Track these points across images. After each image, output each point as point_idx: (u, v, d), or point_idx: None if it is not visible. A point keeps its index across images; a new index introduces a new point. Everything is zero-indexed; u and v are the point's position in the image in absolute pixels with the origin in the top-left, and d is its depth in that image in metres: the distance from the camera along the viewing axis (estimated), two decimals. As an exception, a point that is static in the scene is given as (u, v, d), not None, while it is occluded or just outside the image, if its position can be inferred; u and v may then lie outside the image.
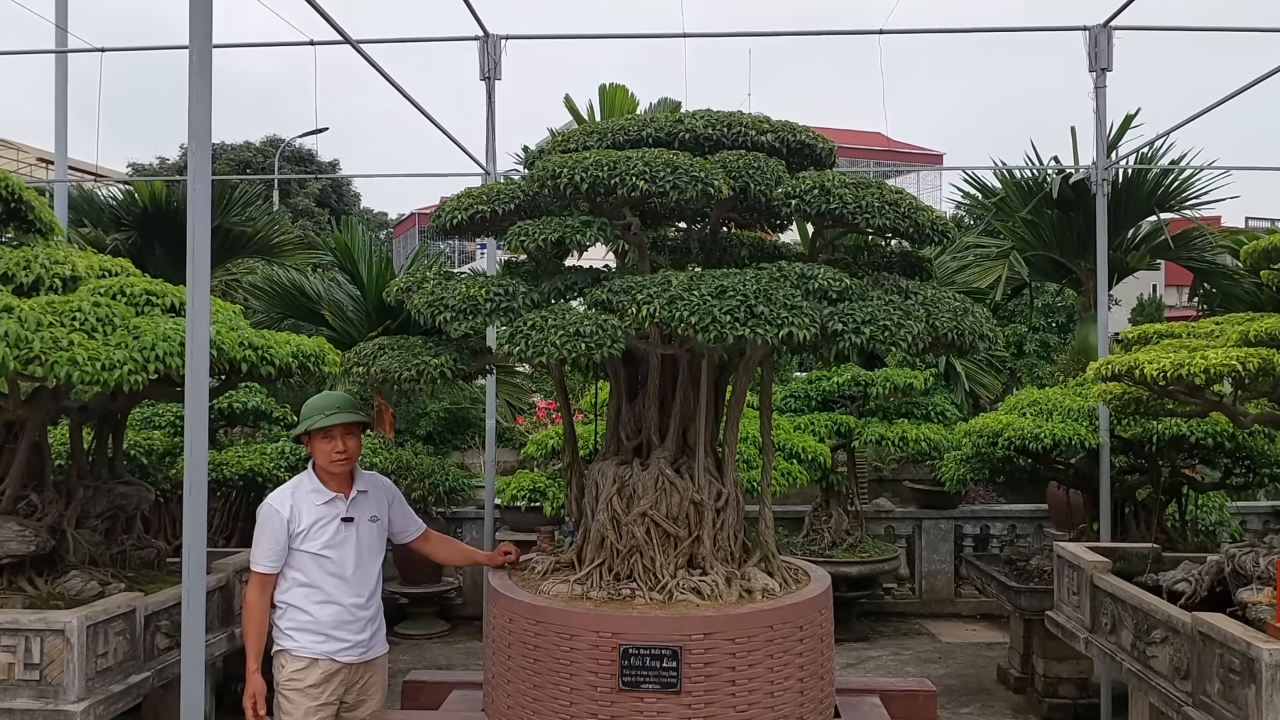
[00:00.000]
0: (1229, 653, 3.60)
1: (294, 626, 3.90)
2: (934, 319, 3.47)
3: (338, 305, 9.75)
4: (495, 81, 6.34)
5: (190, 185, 2.77)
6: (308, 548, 3.89)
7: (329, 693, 3.89)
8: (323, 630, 3.88)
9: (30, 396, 4.34)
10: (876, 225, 3.59)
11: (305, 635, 3.88)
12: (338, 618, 3.90)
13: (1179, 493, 6.61)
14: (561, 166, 3.51)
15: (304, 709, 3.85)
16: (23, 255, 4.27)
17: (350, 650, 3.92)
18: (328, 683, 3.89)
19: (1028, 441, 6.13)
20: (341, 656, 3.90)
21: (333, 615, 3.89)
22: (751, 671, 3.57)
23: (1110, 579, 4.68)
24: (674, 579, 3.78)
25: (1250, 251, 4.72)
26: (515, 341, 3.29)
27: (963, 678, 7.27)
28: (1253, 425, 4.55)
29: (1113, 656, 4.58)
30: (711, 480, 3.95)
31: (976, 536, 9.10)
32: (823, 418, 7.89)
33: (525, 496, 6.21)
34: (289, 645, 3.90)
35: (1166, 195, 9.26)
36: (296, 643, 3.88)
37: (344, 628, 3.91)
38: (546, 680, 3.61)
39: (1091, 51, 5.99)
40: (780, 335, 3.20)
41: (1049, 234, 9.80)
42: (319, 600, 3.89)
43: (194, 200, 2.77)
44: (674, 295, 3.24)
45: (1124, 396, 5.13)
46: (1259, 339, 3.95)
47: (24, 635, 3.82)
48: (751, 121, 3.91)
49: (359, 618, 3.95)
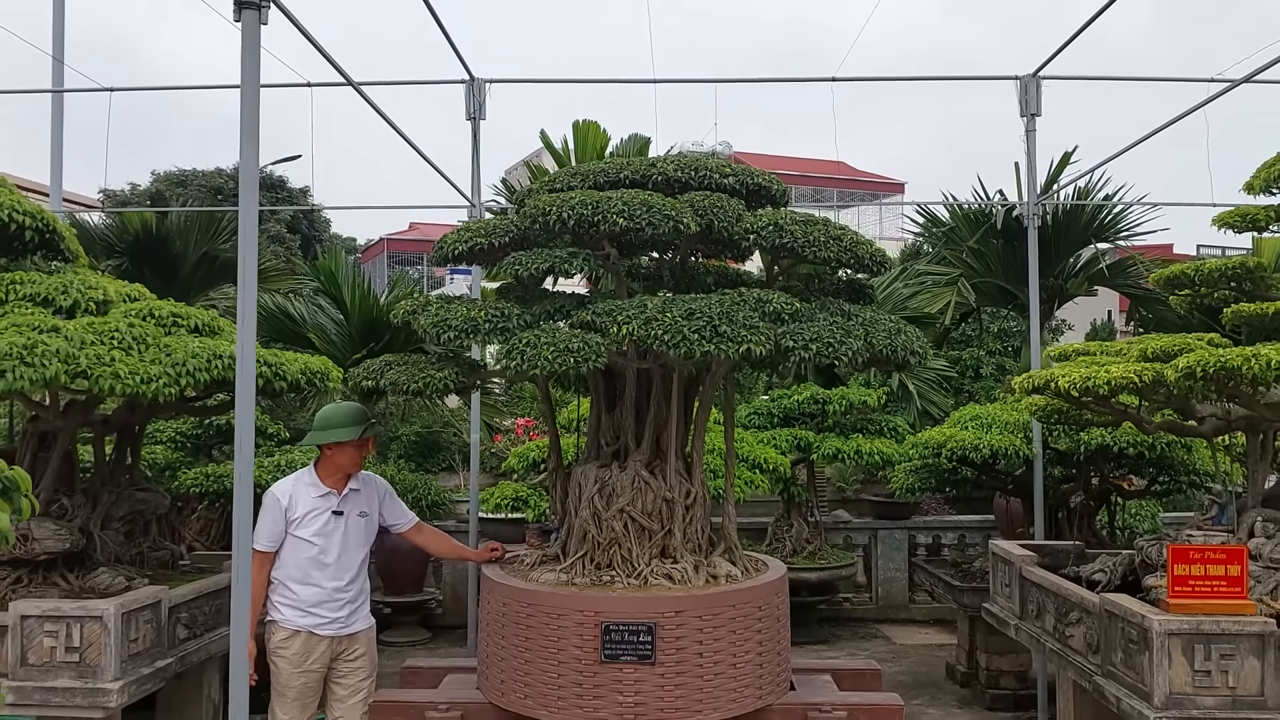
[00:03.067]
0: (1129, 625, 4.16)
1: (282, 601, 4.43)
2: (871, 337, 4.03)
3: (321, 329, 10.20)
4: (480, 121, 6.86)
5: (241, 222, 3.26)
6: (300, 533, 4.42)
7: (311, 660, 4.41)
8: (304, 607, 4.40)
9: (64, 409, 4.79)
10: (822, 257, 4.16)
11: (290, 610, 4.41)
12: (318, 598, 4.41)
13: (1108, 500, 7.22)
14: (550, 205, 4.05)
15: (288, 674, 4.38)
16: (60, 281, 4.73)
17: (329, 625, 4.43)
18: (309, 652, 4.40)
19: (968, 452, 6.72)
20: (321, 630, 4.42)
21: (314, 595, 4.41)
22: (717, 645, 4.08)
23: (1036, 570, 5.25)
24: (648, 567, 4.29)
25: (1158, 279, 5.34)
26: (512, 357, 3.81)
27: (914, 674, 7.80)
28: (1156, 432, 5.15)
29: (1038, 639, 5.14)
30: (681, 480, 4.47)
31: (929, 546, 9.67)
32: (784, 433, 8.43)
33: (508, 505, 6.69)
34: (276, 617, 4.44)
35: (1102, 227, 9.96)
36: (282, 615, 4.42)
37: (323, 606, 4.42)
38: (537, 655, 4.11)
39: (1023, 99, 6.64)
40: (740, 350, 3.74)
41: (995, 262, 10.45)
42: (303, 581, 4.41)
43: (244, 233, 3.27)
44: (650, 316, 3.77)
45: (1048, 408, 5.72)
46: (1155, 355, 4.55)
47: (65, 621, 4.26)
48: (715, 166, 4.47)
49: (337, 599, 4.45)
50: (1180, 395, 4.53)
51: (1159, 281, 5.35)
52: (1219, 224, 5.13)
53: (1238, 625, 3.91)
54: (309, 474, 4.54)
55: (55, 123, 8.64)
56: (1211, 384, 4.17)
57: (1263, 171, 4.95)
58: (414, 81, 7.03)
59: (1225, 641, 3.91)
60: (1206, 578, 3.98)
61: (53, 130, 8.62)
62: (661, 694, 4.01)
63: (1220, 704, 3.89)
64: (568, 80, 6.90)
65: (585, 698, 4.02)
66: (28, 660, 4.24)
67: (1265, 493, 4.76)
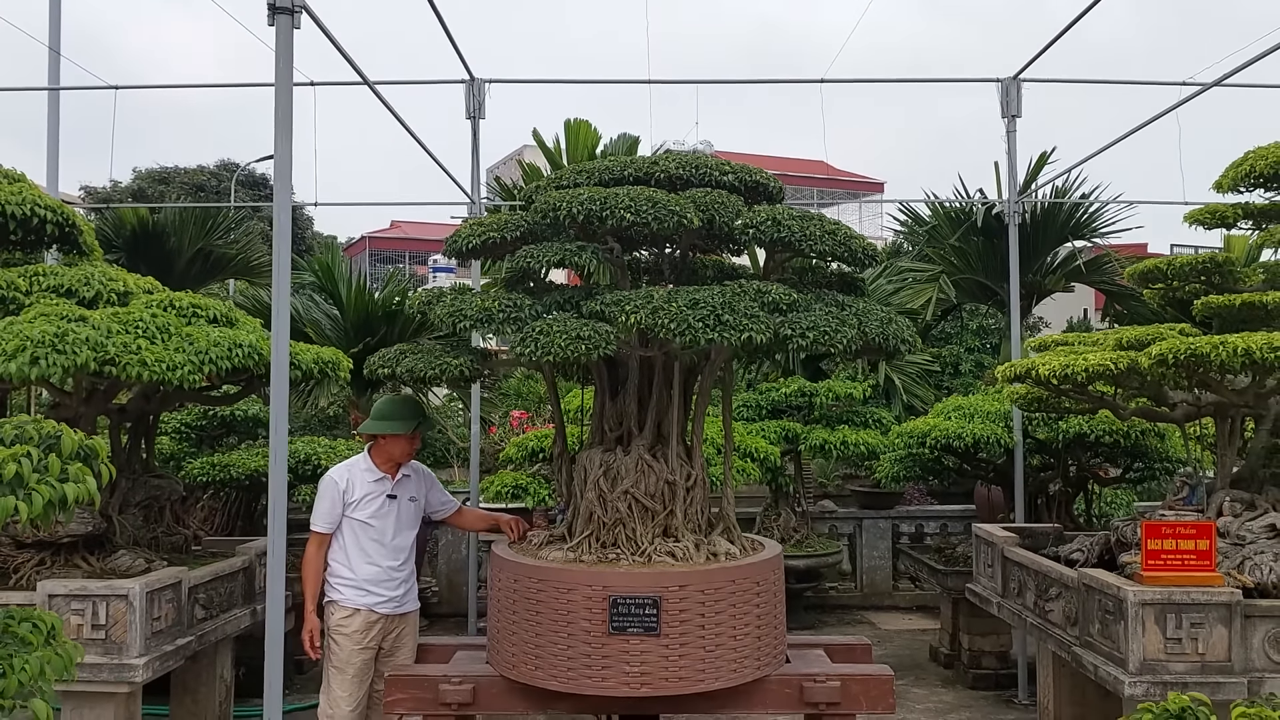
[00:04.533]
0: (1105, 597, 4.42)
1: (341, 581, 4.66)
2: (864, 326, 4.26)
3: (317, 324, 10.37)
4: (480, 120, 7.06)
5: (276, 215, 3.46)
6: (357, 515, 4.68)
7: (369, 638, 4.65)
8: (363, 586, 4.65)
9: (87, 397, 4.96)
10: (818, 250, 4.39)
11: (350, 589, 4.65)
12: (376, 576, 4.67)
13: (1085, 487, 7.50)
14: (560, 201, 4.26)
15: (348, 650, 4.62)
16: (82, 273, 4.90)
17: (386, 604, 4.69)
18: (368, 630, 4.64)
19: (951, 440, 6.98)
20: (379, 608, 4.67)
21: (372, 574, 4.66)
22: (718, 618, 4.30)
23: (1018, 550, 5.51)
24: (652, 545, 4.50)
25: (1132, 273, 5.61)
26: (526, 344, 4.01)
27: (899, 657, 8.06)
28: (1131, 418, 5.41)
29: (1019, 615, 5.39)
30: (682, 464, 4.69)
31: (912, 534, 9.94)
32: (772, 425, 8.67)
33: (508, 493, 6.88)
34: (336, 597, 4.66)
35: (1079, 226, 10.27)
36: (343, 595, 4.65)
37: (381, 585, 4.67)
38: (547, 629, 4.31)
39: (1004, 101, 6.90)
40: (742, 338, 3.96)
41: (976, 260, 10.74)
42: (362, 561, 4.67)
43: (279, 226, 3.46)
44: (656, 306, 3.99)
45: (1029, 396, 5.98)
46: (1130, 344, 4.81)
47: (91, 600, 4.44)
48: (715, 164, 4.69)
49: (394, 578, 4.73)
50: (1154, 382, 4.79)
51: (1133, 276, 5.62)
52: (1190, 220, 5.40)
53: (1207, 596, 4.17)
54: (364, 460, 4.81)
55: (51, 120, 8.69)
56: (1183, 370, 4.43)
57: (1230, 171, 5.23)
58: (419, 81, 7.23)
59: (1195, 611, 4.17)
60: (1178, 552, 4.25)
61: (49, 127, 8.65)
62: (666, 664, 4.22)
63: (1190, 669, 4.15)
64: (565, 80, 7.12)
65: (594, 668, 4.23)
66: (57, 637, 4.40)
67: (1232, 475, 5.03)
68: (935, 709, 6.70)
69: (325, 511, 4.70)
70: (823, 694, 4.51)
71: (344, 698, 4.64)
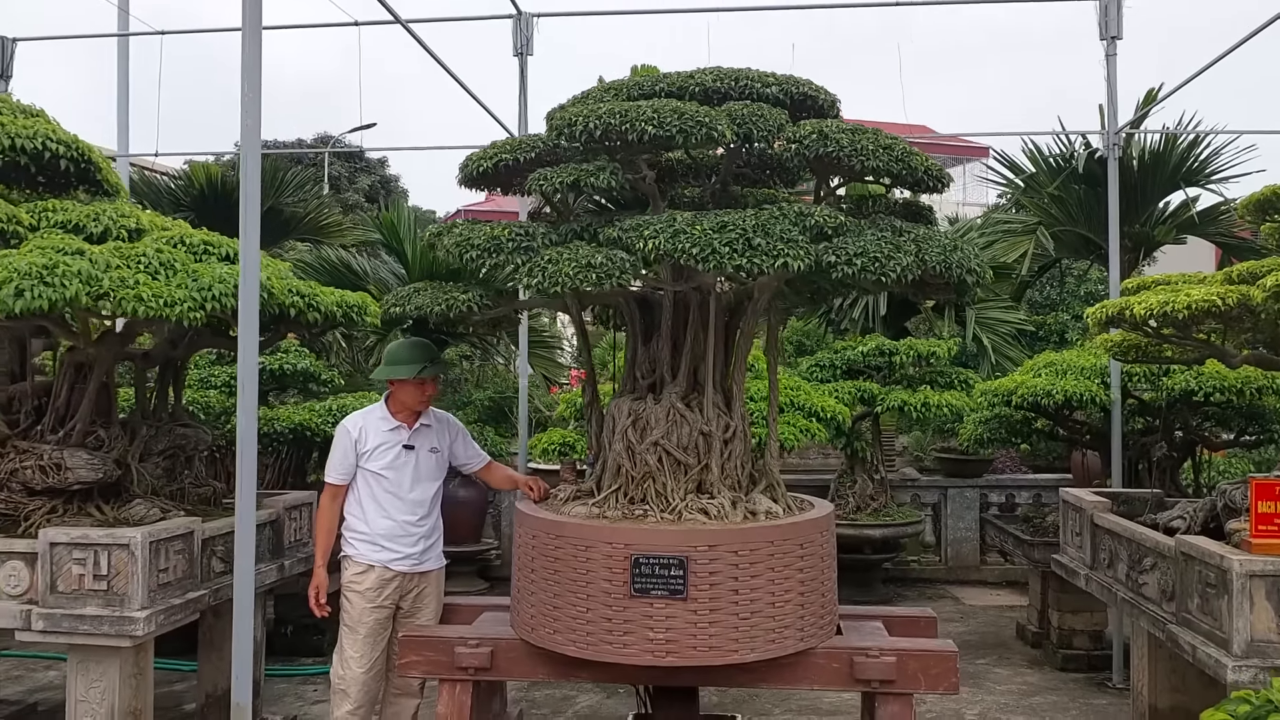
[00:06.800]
0: (1205, 568, 3.81)
1: (355, 536, 4.40)
2: (924, 254, 3.72)
3: (383, 283, 10.19)
4: (528, 58, 6.67)
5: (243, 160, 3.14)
6: (371, 466, 4.39)
7: (384, 597, 4.36)
8: (377, 541, 4.36)
9: (99, 338, 4.75)
10: (871, 167, 3.85)
11: (363, 544, 4.37)
12: (391, 531, 4.37)
13: (1193, 452, 6.77)
14: (577, 115, 3.82)
15: (360, 609, 4.35)
16: (93, 209, 4.68)
17: (402, 560, 4.39)
18: (383, 588, 4.36)
19: (1039, 398, 6.34)
20: (395, 565, 4.37)
21: (387, 529, 4.37)
22: (754, 583, 3.84)
23: (1108, 517, 4.89)
24: (683, 502, 4.06)
25: (1247, 206, 4.89)
26: (532, 274, 3.61)
27: (982, 634, 7.48)
28: (1242, 365, 4.73)
29: (1110, 589, 4.79)
30: (720, 414, 4.23)
31: (1002, 505, 9.26)
32: (847, 385, 8.12)
33: (555, 451, 6.54)
34: (350, 552, 4.40)
35: (1192, 171, 9.36)
36: (356, 550, 4.38)
37: (397, 540, 4.37)
38: (565, 589, 3.92)
39: (1102, 21, 6.18)
40: (776, 265, 3.48)
41: (1077, 210, 9.92)
42: (376, 514, 4.38)
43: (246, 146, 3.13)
44: (678, 230, 3.53)
45: (1124, 344, 5.31)
46: (1240, 278, 4.15)
47: (93, 549, 4.22)
48: (758, 75, 4.18)
49: (411, 533, 4.41)
50: (1269, 321, 4.12)
51: (1249, 209, 4.91)
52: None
53: (1330, 568, 3.54)
54: (380, 408, 4.52)
55: (121, 71, 8.54)
56: (1306, 307, 3.78)
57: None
58: (461, 18, 6.89)
59: (1315, 586, 3.55)
60: (1294, 516, 3.62)
61: (118, 79, 8.52)
62: (694, 631, 3.79)
63: (1308, 654, 3.54)
64: (618, 12, 6.66)
65: (615, 633, 3.83)
66: (57, 588, 4.22)
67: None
68: (1017, 691, 6.12)
69: (338, 461, 4.44)
70: (876, 670, 4.02)
71: (355, 658, 4.35)
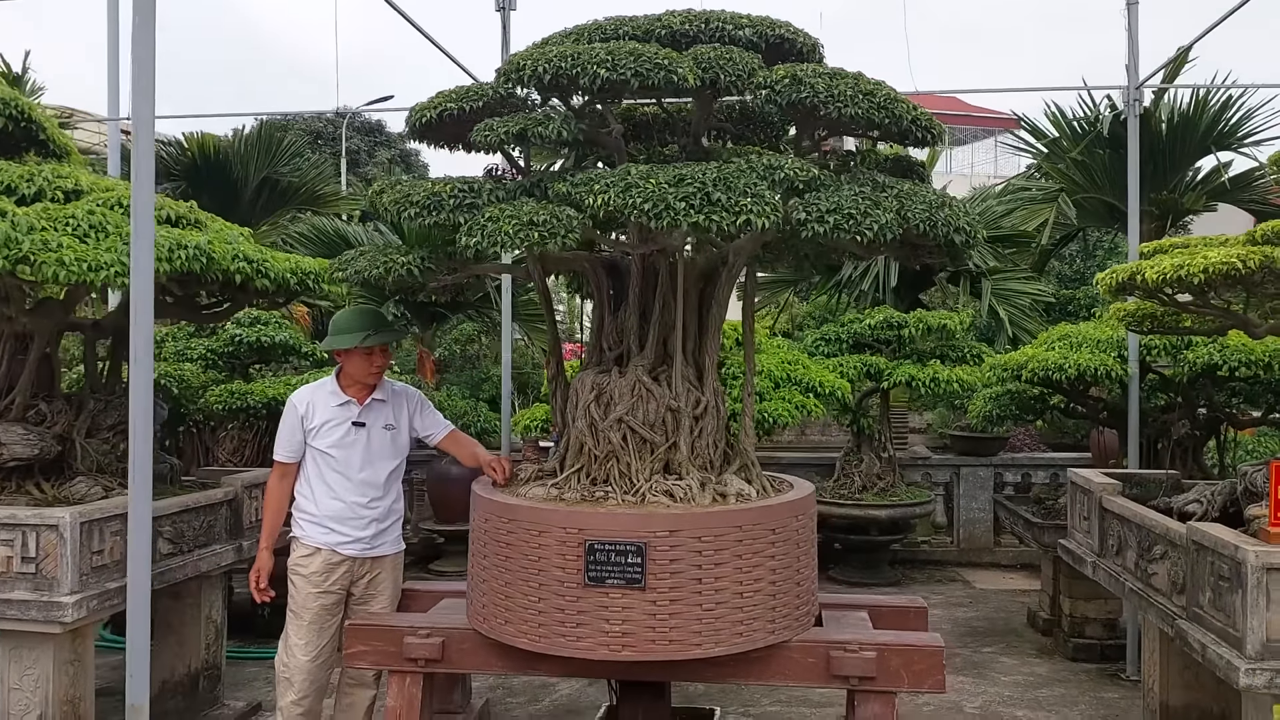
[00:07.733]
0: (1219, 559, 3.45)
1: (303, 517, 4.14)
2: (906, 210, 3.36)
3: (379, 253, 9.89)
4: (510, 12, 6.32)
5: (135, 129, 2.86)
6: (318, 444, 4.12)
7: (331, 582, 4.09)
8: (325, 523, 4.10)
9: (36, 307, 4.48)
10: (850, 115, 3.48)
11: (311, 525, 4.12)
12: (340, 514, 4.10)
13: (1217, 431, 6.35)
14: (524, 60, 3.48)
15: (305, 593, 4.08)
16: (27, 170, 4.39)
17: (352, 545, 4.11)
18: (330, 572, 4.09)
19: (1051, 372, 5.94)
20: (343, 549, 4.10)
21: (336, 510, 4.10)
22: (719, 571, 3.52)
23: (1118, 500, 4.52)
24: (648, 483, 3.74)
25: (1275, 161, 4.47)
26: (471, 234, 3.28)
27: (991, 620, 7.12)
28: (1266, 335, 4.32)
29: (1117, 578, 4.43)
30: (690, 388, 3.90)
31: (1018, 485, 8.87)
32: (853, 359, 7.75)
33: (538, 426, 6.24)
34: (297, 533, 4.15)
35: (1223, 135, 8.84)
36: (304, 531, 4.13)
37: (346, 523, 4.10)
38: (517, 578, 3.62)
39: (1123, -35, 5.73)
40: (738, 223, 3.13)
41: (1102, 175, 9.43)
42: (325, 495, 4.11)
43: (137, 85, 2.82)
44: (630, 184, 3.19)
45: (1139, 314, 4.90)
46: (1264, 238, 3.74)
47: (21, 530, 3.96)
48: (730, 17, 3.81)
49: (361, 516, 4.12)
50: (1296, 287, 3.72)
51: (1276, 163, 4.49)
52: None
53: (1358, 561, 3.17)
54: (330, 382, 4.23)
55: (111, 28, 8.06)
56: (1335, 270, 3.38)
57: None
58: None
59: (1341, 580, 3.17)
60: (1320, 503, 3.24)
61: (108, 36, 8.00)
62: (653, 623, 3.48)
63: (1332, 656, 3.17)
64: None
65: (568, 624, 3.53)
66: (-16, 570, 3.97)
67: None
68: (1023, 682, 5.78)
69: (285, 438, 4.17)
70: (854, 666, 3.69)
71: (300, 645, 4.07)
